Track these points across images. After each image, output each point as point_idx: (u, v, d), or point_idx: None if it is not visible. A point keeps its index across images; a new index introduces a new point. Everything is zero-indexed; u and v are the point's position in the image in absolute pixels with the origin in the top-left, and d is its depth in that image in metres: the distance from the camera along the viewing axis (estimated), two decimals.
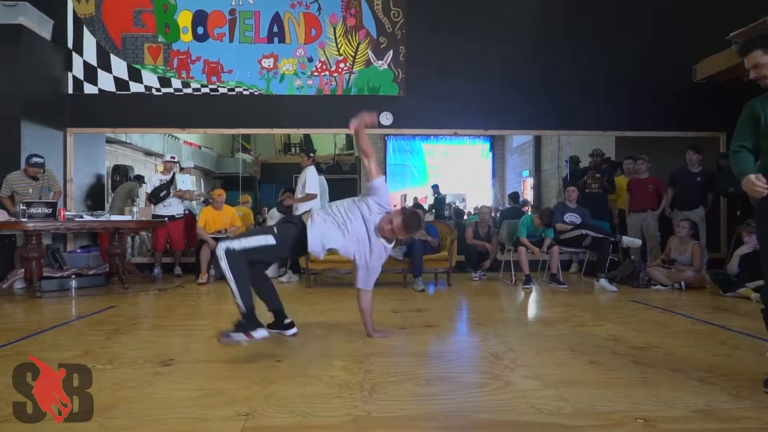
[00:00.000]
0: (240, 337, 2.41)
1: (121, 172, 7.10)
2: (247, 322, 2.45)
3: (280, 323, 2.89)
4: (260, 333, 2.46)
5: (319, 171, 7.74)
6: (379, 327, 2.95)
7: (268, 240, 2.59)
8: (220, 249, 2.47)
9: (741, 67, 6.20)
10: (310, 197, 5.41)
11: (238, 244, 2.50)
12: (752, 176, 1.95)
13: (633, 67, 6.40)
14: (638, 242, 5.35)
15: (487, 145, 12.56)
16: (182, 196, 6.05)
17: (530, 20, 6.51)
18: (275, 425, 1.67)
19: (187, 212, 6.21)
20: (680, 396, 1.91)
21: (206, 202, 6.58)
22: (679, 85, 6.38)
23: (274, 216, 6.10)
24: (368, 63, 6.36)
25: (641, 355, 2.49)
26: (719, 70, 5.98)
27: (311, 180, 5.49)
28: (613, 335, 2.93)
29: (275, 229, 2.67)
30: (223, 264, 2.45)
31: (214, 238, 5.59)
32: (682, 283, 4.85)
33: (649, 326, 3.22)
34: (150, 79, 6.20)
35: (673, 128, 6.41)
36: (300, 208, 5.32)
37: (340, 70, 6.35)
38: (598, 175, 6.16)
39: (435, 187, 10.74)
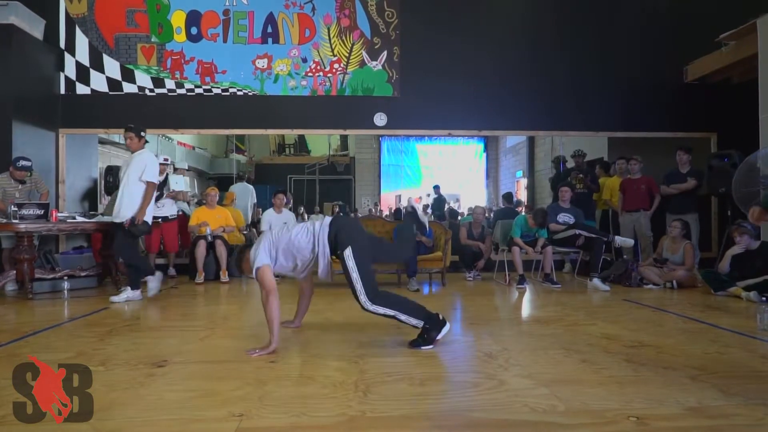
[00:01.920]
0: (430, 346, 2.60)
1: (114, 173, 7.04)
2: (431, 329, 2.60)
3: None
4: (445, 329, 2.62)
5: (241, 178, 7.71)
6: (374, 325, 2.94)
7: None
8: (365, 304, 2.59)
9: (731, 69, 6.30)
10: (151, 188, 4.25)
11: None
12: None
13: (625, 69, 6.45)
14: (631, 242, 5.39)
15: (481, 146, 12.61)
16: (175, 197, 6.02)
17: (523, 21, 6.55)
18: (269, 426, 1.67)
19: (180, 213, 6.18)
20: (672, 394, 1.93)
21: (200, 203, 6.56)
22: (671, 86, 6.44)
23: (267, 219, 6.07)
24: (362, 64, 6.36)
25: (633, 354, 2.51)
26: (710, 71, 6.05)
27: (152, 164, 4.27)
28: (606, 334, 2.96)
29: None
30: (380, 309, 2.59)
31: (211, 238, 5.56)
32: (674, 282, 4.89)
33: (642, 325, 3.24)
34: (143, 79, 6.17)
35: (665, 129, 6.46)
36: (131, 207, 4.16)
37: (334, 70, 6.35)
38: (581, 175, 6.22)
39: (436, 188, 10.86)
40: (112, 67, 6.14)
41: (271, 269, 2.61)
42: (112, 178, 6.95)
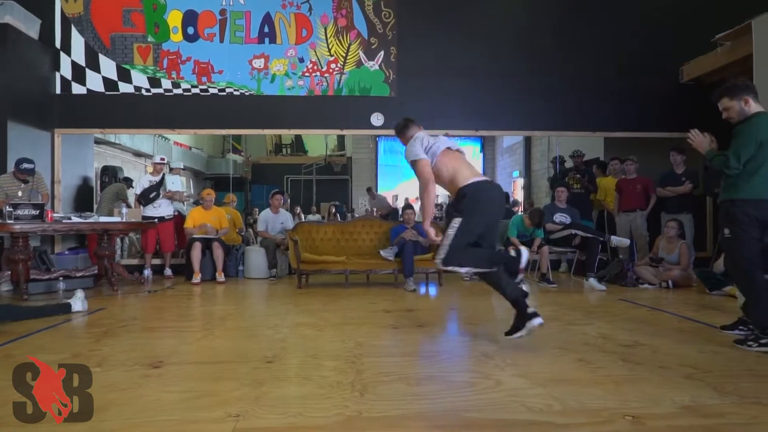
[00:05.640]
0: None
1: (110, 174, 7.03)
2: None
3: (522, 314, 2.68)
4: (524, 257, 2.78)
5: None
6: (371, 325, 2.94)
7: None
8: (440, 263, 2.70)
9: (727, 69, 6.33)
10: None
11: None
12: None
13: (621, 69, 6.47)
14: (626, 242, 5.41)
15: (478, 146, 12.62)
16: (172, 197, 6.01)
17: (520, 22, 6.55)
18: (266, 426, 1.67)
19: (176, 213, 6.17)
20: (667, 392, 1.94)
21: (196, 203, 6.55)
22: (667, 87, 6.46)
23: (264, 219, 6.06)
24: (359, 63, 6.36)
25: (629, 353, 2.52)
26: (705, 71, 6.07)
27: None
28: (602, 333, 2.97)
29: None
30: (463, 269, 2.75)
31: (205, 239, 5.56)
32: (670, 281, 4.91)
33: (637, 324, 3.26)
34: (139, 79, 6.15)
35: (660, 129, 6.48)
36: None
37: (331, 70, 6.35)
38: (579, 175, 6.27)
39: None
40: (108, 66, 6.11)
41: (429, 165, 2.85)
42: (107, 178, 6.96)
